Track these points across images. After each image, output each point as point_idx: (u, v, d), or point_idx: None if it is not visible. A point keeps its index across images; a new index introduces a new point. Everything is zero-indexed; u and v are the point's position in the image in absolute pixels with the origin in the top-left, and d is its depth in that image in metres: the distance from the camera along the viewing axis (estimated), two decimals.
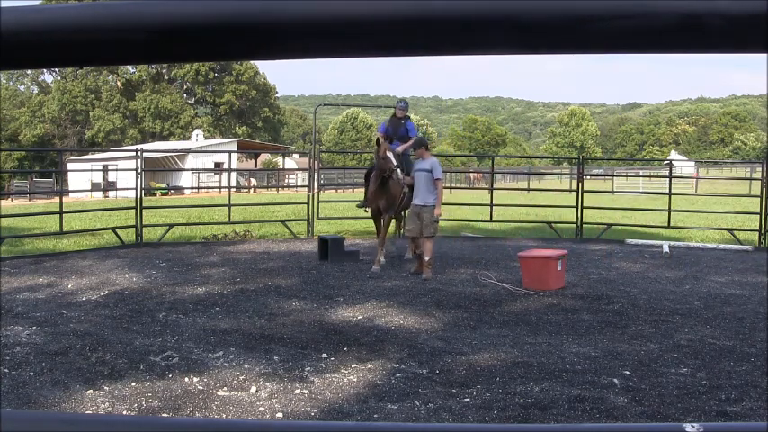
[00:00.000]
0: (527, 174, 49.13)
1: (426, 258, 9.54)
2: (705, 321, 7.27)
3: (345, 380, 5.31)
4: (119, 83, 72.34)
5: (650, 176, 37.46)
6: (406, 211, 11.07)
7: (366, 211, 11.11)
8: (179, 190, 38.00)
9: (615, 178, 39.17)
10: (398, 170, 9.76)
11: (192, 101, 76.39)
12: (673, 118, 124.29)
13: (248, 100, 75.32)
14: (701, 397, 4.95)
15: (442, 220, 14.90)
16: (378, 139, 10.27)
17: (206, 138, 62.26)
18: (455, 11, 0.65)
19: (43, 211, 16.38)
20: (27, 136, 68.21)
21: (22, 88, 75.36)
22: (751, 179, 20.83)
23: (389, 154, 9.89)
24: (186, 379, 5.29)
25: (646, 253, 12.71)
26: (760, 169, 14.84)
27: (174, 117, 71.37)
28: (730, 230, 14.81)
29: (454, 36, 0.66)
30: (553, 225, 15.37)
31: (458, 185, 40.87)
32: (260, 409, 4.75)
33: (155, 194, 33.59)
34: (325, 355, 5.91)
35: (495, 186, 17.93)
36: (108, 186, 38.84)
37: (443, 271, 10.27)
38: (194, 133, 60.86)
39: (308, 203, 15.02)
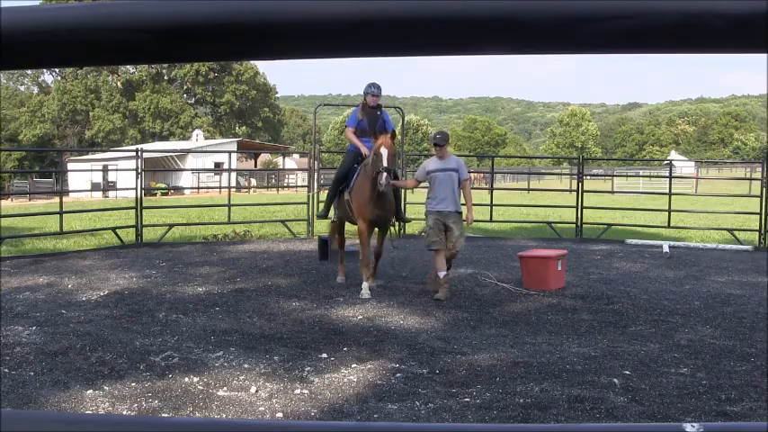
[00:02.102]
0: (527, 174, 49.12)
1: (442, 274, 8.16)
2: (705, 321, 7.28)
3: (345, 380, 5.31)
4: (119, 83, 72.33)
5: (650, 176, 37.45)
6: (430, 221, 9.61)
7: (333, 220, 9.59)
8: (179, 190, 38.00)
9: (615, 178, 39.17)
10: (385, 174, 7.97)
11: (192, 101, 76.36)
12: (673, 118, 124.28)
13: (248, 100, 75.31)
14: (701, 397, 4.95)
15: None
16: (392, 135, 8.38)
17: (206, 138, 62.22)
18: (455, 11, 0.65)
19: (43, 211, 16.40)
20: (27, 136, 68.20)
21: (22, 88, 75.37)
22: (751, 179, 20.82)
23: (385, 151, 8.05)
24: (186, 379, 5.29)
25: (646, 253, 12.70)
26: (760, 169, 14.84)
27: (174, 117, 71.36)
28: (730, 230, 14.81)
29: (454, 36, 0.66)
30: (553, 225, 15.37)
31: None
32: (260, 409, 4.75)
33: (155, 194, 33.58)
34: (325, 355, 5.91)
35: (495, 186, 17.93)
36: (108, 186, 38.84)
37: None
38: (194, 133, 60.82)
39: (307, 203, 15.01)
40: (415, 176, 8.87)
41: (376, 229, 8.82)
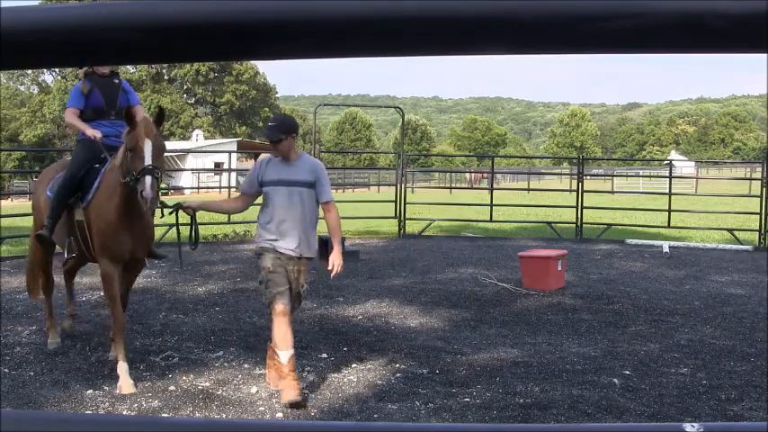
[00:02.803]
0: (527, 174, 49.10)
1: (287, 356, 4.88)
2: (705, 321, 7.28)
3: (345, 380, 5.31)
4: None
5: (650, 176, 37.44)
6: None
7: (71, 256, 6.05)
8: (179, 190, 37.99)
9: (615, 178, 39.15)
10: (149, 178, 4.77)
11: (192, 101, 76.37)
12: (673, 118, 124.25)
13: (248, 100, 75.33)
14: (701, 397, 4.95)
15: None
16: (128, 112, 5.02)
17: (206, 138, 62.24)
18: (455, 11, 0.65)
19: None
20: (27, 136, 68.22)
21: (22, 88, 75.34)
22: (751, 179, 20.82)
23: (148, 143, 4.86)
24: (186, 379, 5.29)
25: (646, 253, 12.70)
26: (760, 169, 14.84)
27: (174, 117, 71.38)
28: (730, 230, 14.81)
29: (454, 36, 0.66)
30: (553, 225, 15.37)
31: (458, 185, 40.87)
32: (260, 409, 4.76)
33: None
34: (325, 355, 5.91)
35: (495, 186, 17.93)
36: None
37: (443, 271, 10.26)
38: (194, 133, 60.79)
39: None
40: (240, 187, 5.51)
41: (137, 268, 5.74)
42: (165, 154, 5.23)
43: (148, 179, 4.77)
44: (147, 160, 4.84)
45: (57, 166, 6.36)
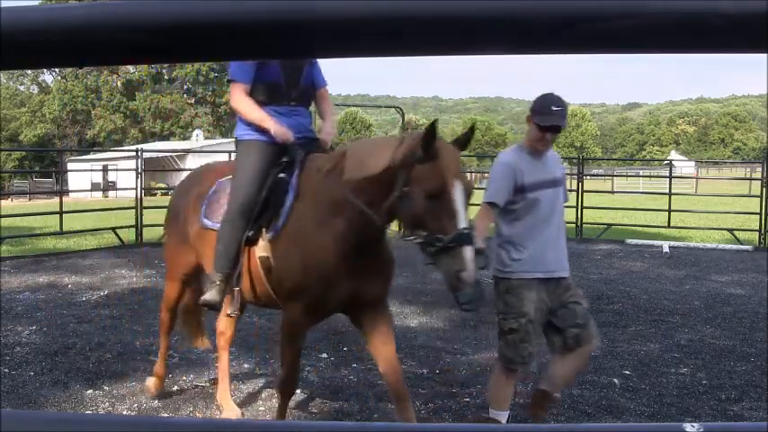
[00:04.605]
0: None
1: (504, 417, 3.99)
2: (705, 321, 7.28)
3: (345, 380, 5.31)
4: (119, 83, 72.35)
5: (650, 176, 37.43)
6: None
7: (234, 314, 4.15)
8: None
9: (615, 178, 39.14)
10: (473, 248, 3.16)
11: (192, 101, 76.38)
12: (673, 118, 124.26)
13: None
14: (701, 397, 4.95)
15: None
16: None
17: (206, 138, 62.20)
18: (455, 11, 0.65)
19: (43, 211, 16.39)
20: (27, 136, 68.26)
21: (21, 88, 75.38)
22: (751, 179, 20.81)
23: (460, 190, 3.19)
24: (186, 379, 5.29)
25: (646, 253, 12.70)
26: (760, 169, 14.84)
27: (174, 117, 71.39)
28: (730, 230, 14.80)
29: (454, 36, 0.66)
30: None
31: None
32: (260, 409, 4.76)
33: (155, 194, 33.56)
34: (325, 355, 5.91)
35: None
36: (108, 186, 38.85)
37: None
38: (194, 133, 60.73)
39: None
40: (491, 197, 3.90)
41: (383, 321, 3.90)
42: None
43: (469, 253, 3.09)
44: (462, 220, 3.14)
45: (211, 175, 4.36)
